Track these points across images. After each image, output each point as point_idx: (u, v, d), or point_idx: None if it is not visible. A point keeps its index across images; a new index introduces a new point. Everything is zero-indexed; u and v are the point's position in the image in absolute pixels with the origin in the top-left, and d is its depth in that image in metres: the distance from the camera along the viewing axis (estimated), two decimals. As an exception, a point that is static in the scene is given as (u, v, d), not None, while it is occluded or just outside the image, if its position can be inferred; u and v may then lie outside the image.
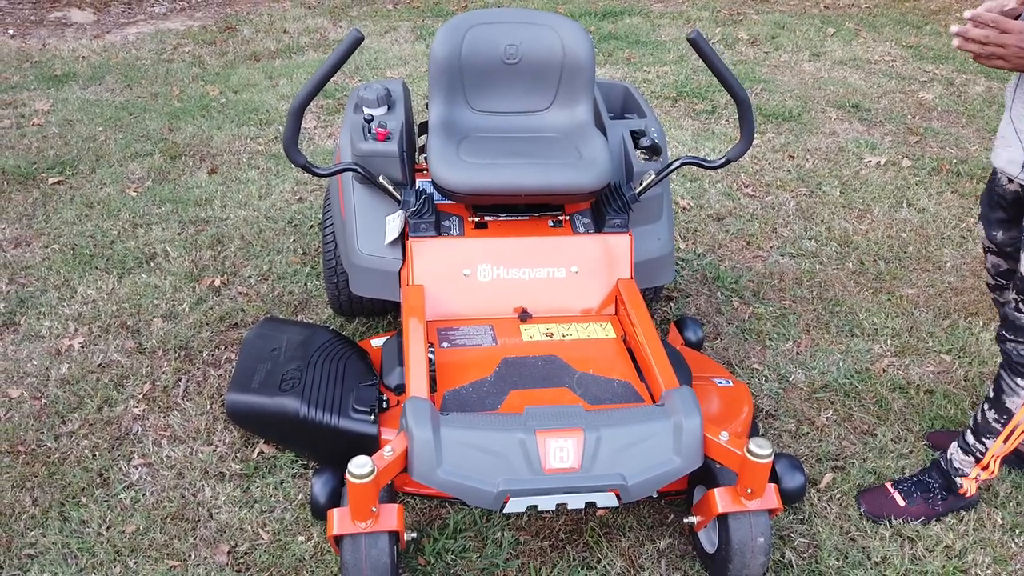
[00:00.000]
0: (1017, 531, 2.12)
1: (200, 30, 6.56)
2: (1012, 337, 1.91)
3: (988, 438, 2.01)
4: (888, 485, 2.19)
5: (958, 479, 2.10)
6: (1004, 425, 1.97)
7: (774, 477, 1.92)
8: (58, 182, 3.89)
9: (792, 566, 2.02)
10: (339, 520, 1.75)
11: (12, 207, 3.64)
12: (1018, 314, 1.88)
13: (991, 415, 1.99)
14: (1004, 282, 2.16)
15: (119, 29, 6.68)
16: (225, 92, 5.15)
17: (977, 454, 2.05)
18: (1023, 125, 1.78)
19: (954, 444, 2.12)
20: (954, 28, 1.59)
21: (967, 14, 1.59)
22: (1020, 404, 1.94)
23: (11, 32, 6.49)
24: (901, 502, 2.13)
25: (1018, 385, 1.92)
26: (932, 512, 2.13)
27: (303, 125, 4.64)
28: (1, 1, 7.28)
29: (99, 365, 2.66)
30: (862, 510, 2.16)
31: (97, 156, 4.17)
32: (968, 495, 2.12)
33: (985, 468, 2.06)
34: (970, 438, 2.06)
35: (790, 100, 5.17)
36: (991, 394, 2.00)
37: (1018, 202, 1.94)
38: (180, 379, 2.60)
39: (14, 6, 7.25)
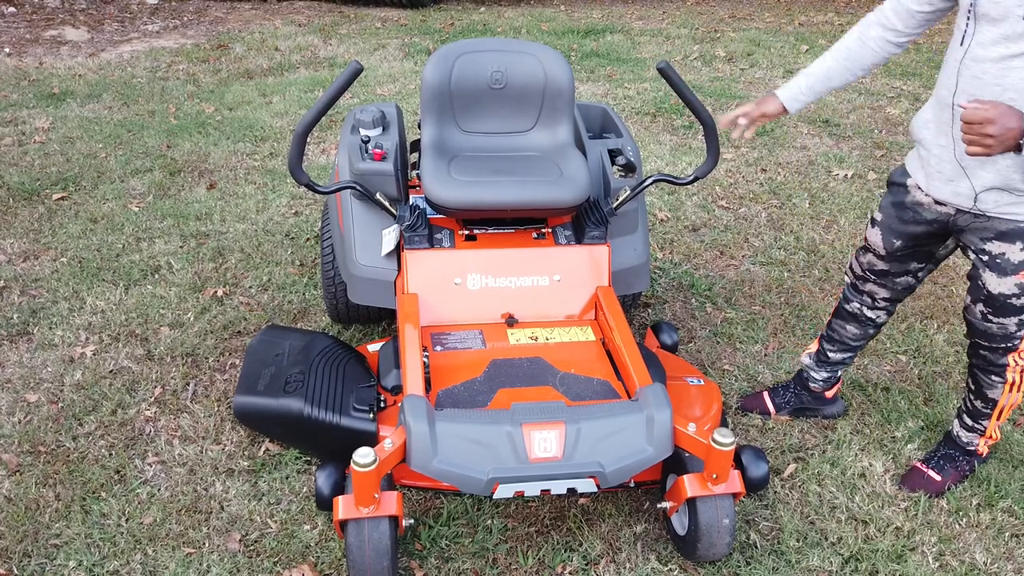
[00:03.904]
0: (961, 514, 2.33)
1: (193, 48, 6.72)
2: (986, 344, 2.20)
3: (983, 420, 2.36)
4: (918, 464, 2.46)
5: (972, 447, 2.43)
6: (992, 409, 2.33)
7: (741, 467, 2.11)
8: (62, 198, 4.05)
9: (756, 546, 2.21)
10: (344, 506, 1.93)
11: (19, 222, 3.80)
12: (987, 324, 2.16)
13: (978, 404, 2.33)
14: (873, 278, 2.42)
15: (113, 47, 6.84)
16: (220, 109, 5.32)
17: (980, 430, 2.39)
18: (969, 162, 2.00)
19: (956, 424, 2.44)
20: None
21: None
22: (1000, 392, 2.27)
23: (7, 50, 6.63)
24: (937, 477, 2.41)
25: (994, 380, 2.26)
26: (963, 475, 2.44)
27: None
28: (-4, 20, 7.42)
29: (111, 371, 2.82)
30: (904, 489, 2.41)
31: (98, 172, 4.34)
32: (983, 455, 2.47)
33: (990, 438, 2.41)
34: (968, 421, 2.40)
35: (764, 115, 5.40)
36: (972, 387, 2.33)
37: (936, 221, 2.17)
38: (188, 384, 2.77)
39: (9, 24, 7.40)
